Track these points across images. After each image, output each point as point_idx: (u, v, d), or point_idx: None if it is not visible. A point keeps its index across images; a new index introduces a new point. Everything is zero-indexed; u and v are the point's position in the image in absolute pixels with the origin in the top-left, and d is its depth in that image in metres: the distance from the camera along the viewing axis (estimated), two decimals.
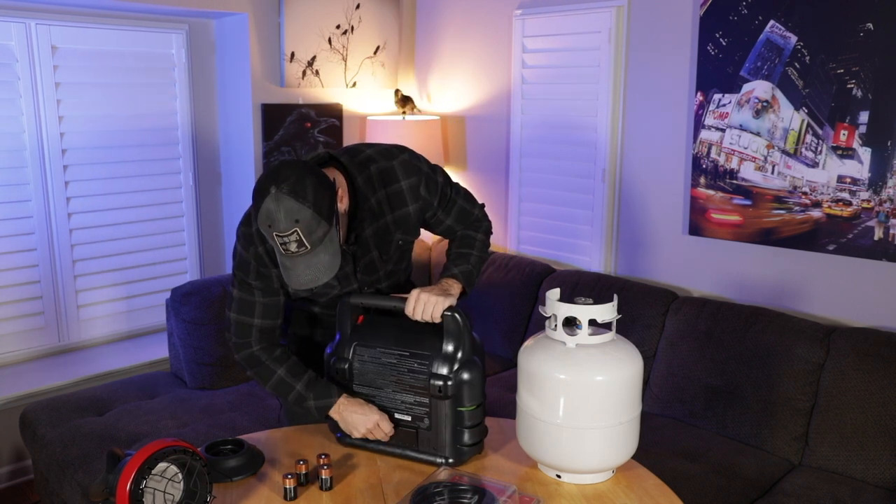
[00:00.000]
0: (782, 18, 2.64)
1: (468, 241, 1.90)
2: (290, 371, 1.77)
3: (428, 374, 1.67)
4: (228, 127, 3.65)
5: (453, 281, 1.78)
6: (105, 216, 3.40)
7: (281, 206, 1.47)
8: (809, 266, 2.70)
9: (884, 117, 2.46)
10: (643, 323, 2.87)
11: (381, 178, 1.74)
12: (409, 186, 1.76)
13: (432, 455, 1.71)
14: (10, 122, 3.08)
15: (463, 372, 1.66)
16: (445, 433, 1.69)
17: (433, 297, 1.67)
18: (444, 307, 1.66)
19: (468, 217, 1.91)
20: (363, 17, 3.77)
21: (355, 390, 1.77)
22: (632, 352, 1.61)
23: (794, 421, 2.46)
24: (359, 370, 1.75)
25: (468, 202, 1.90)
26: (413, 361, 1.70)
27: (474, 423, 1.70)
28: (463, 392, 1.67)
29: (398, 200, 1.76)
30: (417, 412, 1.71)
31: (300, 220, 1.48)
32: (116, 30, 3.31)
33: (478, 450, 1.73)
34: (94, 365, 3.26)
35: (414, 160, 1.79)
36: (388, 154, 1.77)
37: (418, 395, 1.70)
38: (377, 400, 1.75)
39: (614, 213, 3.24)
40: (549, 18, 3.36)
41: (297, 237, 1.49)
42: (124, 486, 1.40)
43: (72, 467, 2.42)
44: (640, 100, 3.10)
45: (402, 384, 1.72)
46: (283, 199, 1.47)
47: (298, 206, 1.48)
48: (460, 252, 1.87)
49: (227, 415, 2.73)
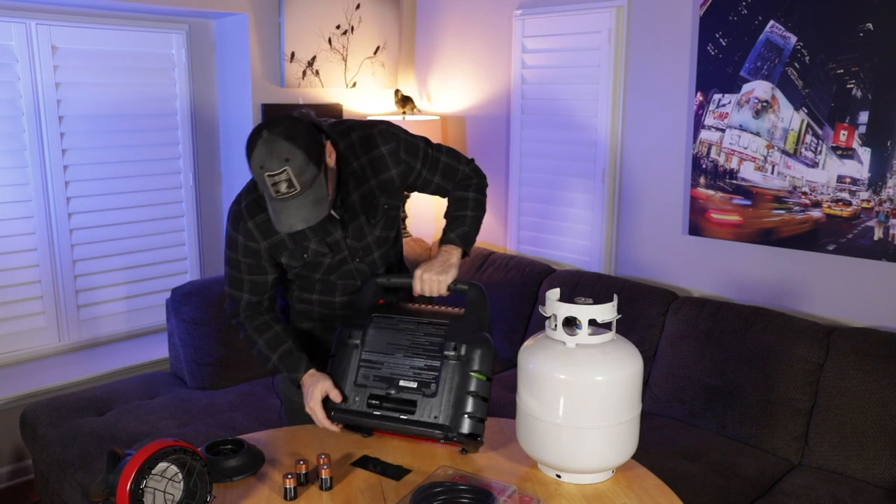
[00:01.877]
0: (782, 18, 2.64)
1: (461, 203, 1.95)
2: (268, 343, 1.86)
3: (444, 335, 1.73)
4: (229, 127, 3.65)
5: (451, 247, 1.87)
6: (105, 216, 3.40)
7: (273, 147, 1.55)
8: (809, 266, 2.70)
9: (884, 117, 2.46)
10: (643, 323, 2.87)
11: (361, 145, 1.81)
12: (389, 151, 1.83)
13: (429, 427, 1.68)
14: (10, 122, 3.08)
15: (478, 338, 1.73)
16: (450, 399, 1.68)
17: (435, 275, 1.79)
18: (448, 281, 1.80)
19: (455, 173, 1.94)
20: (363, 17, 3.77)
21: (364, 357, 1.79)
22: (632, 352, 1.62)
23: (793, 421, 2.47)
24: (372, 335, 1.80)
25: (453, 159, 1.95)
26: (430, 327, 1.77)
27: (480, 393, 1.69)
28: (475, 357, 1.71)
29: (381, 165, 1.83)
30: (425, 377, 1.72)
31: (290, 160, 1.55)
32: (116, 30, 3.31)
33: (477, 434, 1.69)
34: (95, 365, 3.26)
35: (392, 128, 1.87)
36: (369, 124, 1.86)
37: (430, 360, 1.73)
38: (384, 367, 1.76)
39: (614, 213, 3.24)
40: (549, 18, 3.36)
41: (287, 176, 1.55)
42: (124, 486, 1.40)
43: (72, 467, 2.42)
44: (640, 100, 3.10)
45: (415, 348, 1.75)
46: (275, 141, 1.55)
47: (289, 147, 1.55)
48: (455, 215, 1.93)
49: (227, 415, 2.73)
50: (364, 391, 1.76)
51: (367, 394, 1.75)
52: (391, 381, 1.74)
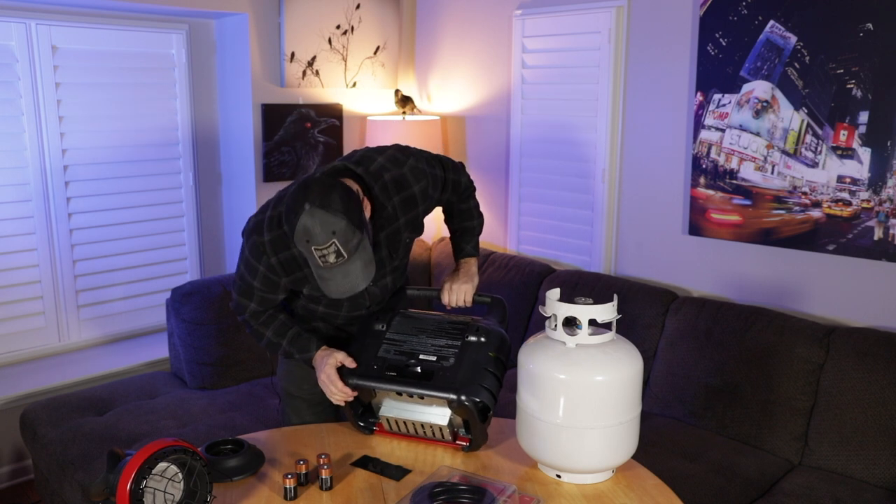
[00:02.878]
0: (782, 18, 2.64)
1: (467, 214, 2.08)
2: (276, 332, 1.91)
3: (468, 324, 1.83)
4: (229, 127, 3.65)
5: (470, 259, 2.06)
6: (105, 216, 3.40)
7: (317, 221, 1.54)
8: (809, 266, 2.70)
9: (883, 117, 2.46)
10: (643, 323, 2.87)
11: (395, 186, 1.82)
12: (421, 190, 1.86)
13: (444, 391, 1.69)
14: (10, 122, 3.08)
15: (498, 329, 1.83)
16: (468, 371, 1.72)
17: (463, 285, 1.99)
18: (473, 291, 2.00)
19: (459, 186, 2.04)
20: (363, 17, 3.77)
21: (388, 337, 1.85)
22: (632, 352, 1.62)
23: (793, 421, 2.47)
24: (398, 322, 1.89)
25: (456, 172, 2.02)
26: (455, 319, 1.88)
27: (495, 370, 1.74)
28: (493, 340, 1.78)
29: (410, 204, 1.85)
30: (445, 353, 1.78)
31: (336, 232, 1.54)
32: (116, 30, 3.31)
33: (489, 407, 1.70)
34: (94, 365, 3.26)
35: (420, 163, 1.88)
36: (397, 161, 1.85)
37: (451, 339, 1.80)
38: (406, 344, 1.82)
39: (614, 213, 3.24)
40: (548, 18, 3.36)
41: (336, 248, 1.55)
42: (124, 486, 1.40)
43: (72, 467, 2.42)
44: (640, 100, 3.10)
45: (438, 331, 1.83)
46: (318, 214, 1.54)
47: (333, 219, 1.54)
48: (465, 226, 2.08)
49: (227, 415, 2.73)
50: (384, 362, 1.79)
51: (387, 365, 1.79)
52: (411, 355, 1.79)
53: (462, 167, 2.05)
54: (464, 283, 1.99)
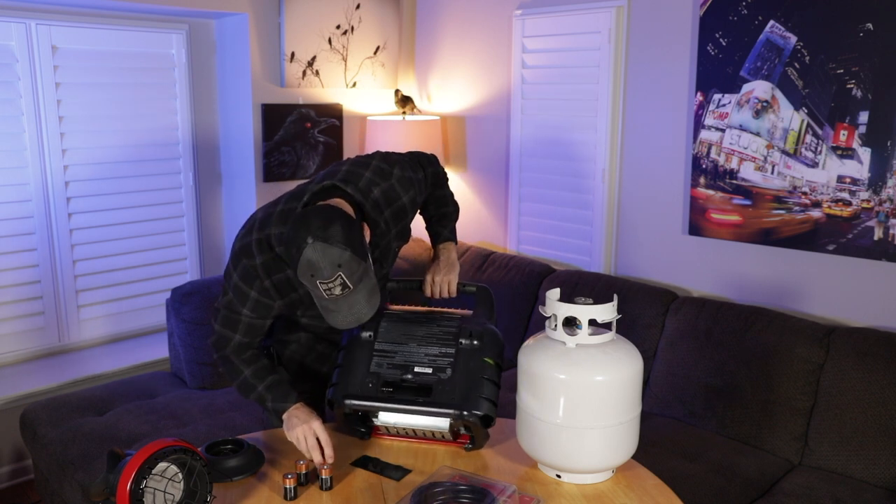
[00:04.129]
0: (782, 18, 2.64)
1: (442, 200, 2.04)
2: (255, 373, 1.80)
3: (458, 327, 1.80)
4: (229, 127, 3.65)
5: (448, 244, 2.01)
6: (105, 216, 3.40)
7: (321, 255, 1.48)
8: (809, 266, 2.70)
9: (883, 117, 2.46)
10: (643, 323, 2.87)
11: (385, 200, 1.80)
12: (410, 200, 1.85)
13: (445, 408, 1.67)
14: (10, 122, 3.08)
15: (490, 330, 1.79)
16: (466, 382, 1.70)
17: (444, 276, 1.94)
18: (456, 280, 1.95)
19: (438, 177, 2.03)
20: (363, 17, 3.77)
21: (378, 347, 1.80)
22: (632, 352, 1.62)
23: (793, 421, 2.47)
24: (385, 328, 1.82)
25: (432, 165, 2.02)
26: (443, 320, 1.83)
27: (492, 378, 1.72)
28: (487, 343, 1.75)
29: (401, 215, 1.84)
30: (440, 363, 1.74)
31: (342, 265, 1.50)
32: (116, 30, 3.31)
33: (491, 417, 1.69)
34: (95, 365, 3.26)
35: (405, 171, 1.85)
36: (383, 174, 1.81)
37: (444, 347, 1.76)
38: (398, 356, 1.77)
39: (614, 213, 3.24)
40: (548, 18, 3.36)
41: (342, 280, 1.51)
42: (124, 486, 1.40)
43: (72, 467, 2.42)
44: (640, 100, 3.10)
45: (429, 338, 1.79)
46: (320, 247, 1.48)
47: (338, 252, 1.49)
48: (441, 212, 2.04)
49: (227, 415, 2.73)
50: (378, 378, 1.74)
51: (382, 381, 1.74)
52: (406, 368, 1.75)
53: (436, 159, 2.04)
54: (446, 273, 1.94)
